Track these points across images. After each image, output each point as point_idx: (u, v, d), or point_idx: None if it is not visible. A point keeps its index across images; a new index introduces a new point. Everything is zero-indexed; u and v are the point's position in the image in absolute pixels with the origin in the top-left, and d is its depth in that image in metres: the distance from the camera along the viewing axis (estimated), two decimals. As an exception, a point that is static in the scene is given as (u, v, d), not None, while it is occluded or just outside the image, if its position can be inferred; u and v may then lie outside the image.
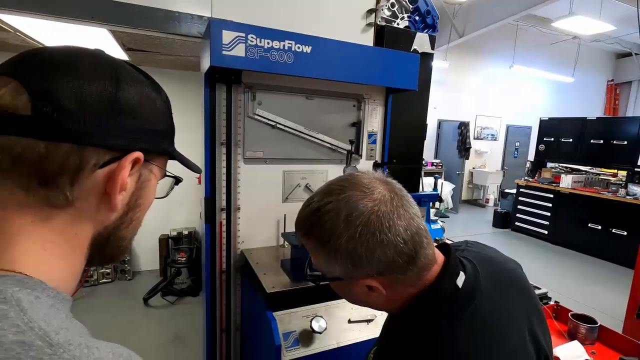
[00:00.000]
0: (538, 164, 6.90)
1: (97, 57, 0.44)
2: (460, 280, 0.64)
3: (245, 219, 1.74)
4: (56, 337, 0.35)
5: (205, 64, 1.47)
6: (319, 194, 0.65)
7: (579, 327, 1.58)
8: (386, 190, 0.62)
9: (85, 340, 0.37)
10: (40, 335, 0.34)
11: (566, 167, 6.59)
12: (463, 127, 8.20)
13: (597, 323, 1.58)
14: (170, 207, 4.08)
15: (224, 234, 1.69)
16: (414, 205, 0.63)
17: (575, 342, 1.53)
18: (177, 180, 0.58)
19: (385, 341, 0.74)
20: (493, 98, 9.02)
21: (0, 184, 0.40)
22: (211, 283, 1.69)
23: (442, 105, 8.37)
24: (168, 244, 3.93)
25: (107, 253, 0.50)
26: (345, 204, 0.60)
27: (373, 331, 1.41)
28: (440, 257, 0.67)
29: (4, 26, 2.27)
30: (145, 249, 4.13)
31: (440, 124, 8.67)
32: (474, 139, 8.87)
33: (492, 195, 9.02)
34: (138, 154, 0.45)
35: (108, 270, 3.85)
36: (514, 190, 6.99)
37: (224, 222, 1.68)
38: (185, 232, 3.98)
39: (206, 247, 1.66)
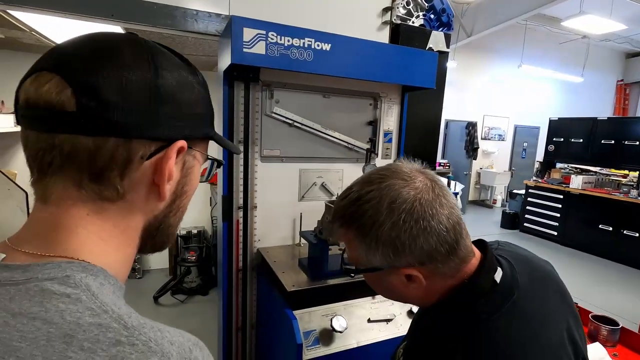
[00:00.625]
0: (547, 165, 6.84)
1: (133, 44, 0.43)
2: (498, 275, 0.64)
3: (262, 218, 1.74)
4: (129, 320, 0.36)
5: (225, 61, 1.46)
6: (358, 184, 0.65)
7: (601, 328, 1.56)
8: (426, 179, 0.62)
9: (154, 323, 0.38)
10: (115, 318, 0.35)
11: (576, 168, 6.52)
12: (470, 127, 8.15)
13: (619, 325, 1.56)
14: (179, 206, 4.08)
15: (241, 232, 1.68)
16: (452, 195, 0.63)
17: (597, 344, 1.50)
18: (219, 163, 0.57)
19: (416, 335, 0.74)
20: (501, 98, 8.96)
21: (54, 181, 0.41)
22: (228, 281, 1.69)
23: (450, 105, 8.33)
24: (177, 243, 3.94)
25: (158, 241, 0.51)
26: (388, 192, 0.60)
27: (393, 331, 1.39)
28: (477, 251, 0.67)
29: (20, 25, 2.29)
30: (155, 248, 4.14)
31: (447, 124, 8.63)
32: (482, 139, 8.82)
33: (500, 196, 8.96)
34: (182, 143, 0.45)
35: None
36: (522, 191, 6.93)
37: (241, 220, 1.68)
38: (195, 231, 3.99)
39: (223, 245, 1.66)
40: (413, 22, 2.11)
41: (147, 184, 0.45)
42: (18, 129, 0.43)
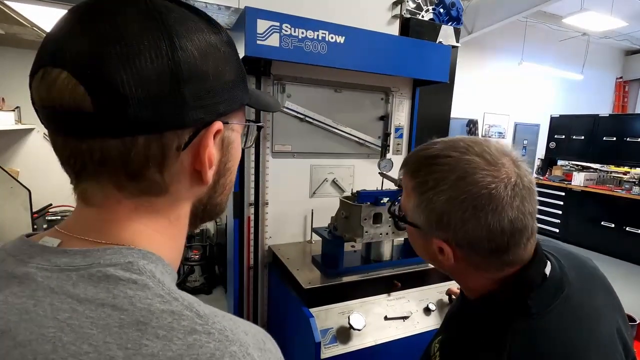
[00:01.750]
0: (548, 162, 6.84)
1: (135, 11, 0.36)
2: (547, 269, 0.61)
3: (273, 214, 1.71)
4: (200, 308, 0.34)
5: (237, 54, 1.43)
6: (444, 142, 0.62)
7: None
8: (514, 174, 0.57)
9: (225, 313, 0.36)
10: (187, 306, 0.33)
11: (577, 165, 6.53)
12: (472, 124, 8.14)
13: (636, 321, 1.54)
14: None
15: (252, 229, 1.65)
16: (534, 203, 0.58)
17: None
18: (259, 126, 0.55)
19: (455, 328, 0.70)
20: (501, 95, 8.95)
21: (91, 185, 0.39)
22: (239, 279, 1.66)
23: (455, 103, 8.31)
24: (181, 242, 3.91)
25: (206, 218, 0.49)
26: (463, 166, 0.57)
27: (410, 329, 1.37)
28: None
29: (20, 20, 2.24)
30: (157, 247, 4.10)
31: (448, 121, 8.61)
32: (482, 136, 8.80)
33: (500, 193, 8.94)
34: (218, 125, 0.42)
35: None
36: (523, 188, 6.92)
37: (252, 217, 1.65)
38: (198, 230, 3.95)
39: (235, 242, 1.63)
40: (422, 16, 2.08)
41: (189, 172, 0.42)
42: (19, 126, 0.40)
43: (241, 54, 1.36)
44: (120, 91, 0.34)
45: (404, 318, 1.39)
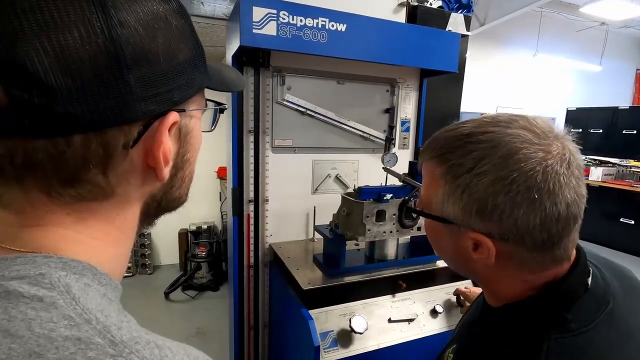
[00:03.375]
0: (565, 157, 6.63)
1: None
2: (590, 279, 0.53)
3: (274, 212, 1.65)
4: (119, 332, 0.27)
5: (234, 45, 1.37)
6: (476, 120, 0.52)
7: None
8: (565, 148, 0.48)
9: (153, 337, 0.29)
10: (100, 330, 0.27)
11: (595, 160, 6.30)
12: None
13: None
14: (189, 202, 4.04)
15: (252, 227, 1.60)
16: (584, 183, 0.50)
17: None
18: (221, 108, 0.47)
19: (477, 338, 0.61)
20: (515, 88, 8.71)
21: (9, 191, 0.31)
22: (239, 278, 1.61)
23: (465, 97, 8.13)
24: (188, 239, 3.91)
25: (160, 214, 0.43)
26: (510, 141, 0.47)
27: (415, 332, 1.30)
28: (573, 254, 0.55)
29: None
30: (165, 243, 4.11)
31: (460, 116, 8.44)
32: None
33: (514, 189, 8.75)
34: (173, 117, 0.35)
35: (129, 265, 3.85)
36: (538, 184, 6.74)
37: (252, 214, 1.59)
38: (205, 227, 3.95)
39: (234, 240, 1.58)
40: (431, 4, 1.99)
41: (141, 171, 0.36)
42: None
43: (236, 44, 1.30)
44: (43, 80, 0.27)
45: (409, 320, 1.32)
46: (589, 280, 0.53)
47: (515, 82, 8.67)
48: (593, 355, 0.48)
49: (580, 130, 6.23)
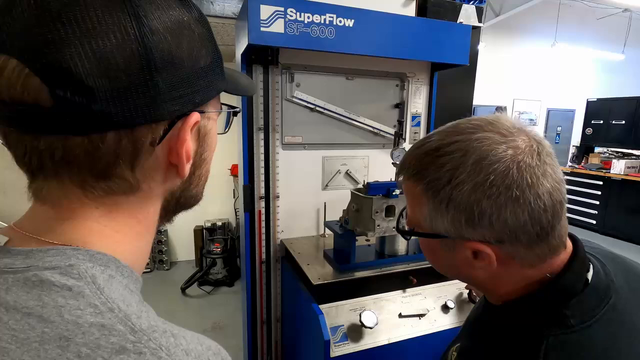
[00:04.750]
0: (584, 150, 6.43)
1: None
2: (590, 274, 0.52)
3: (285, 208, 1.67)
4: (138, 321, 0.30)
5: (242, 44, 1.39)
6: (440, 132, 0.53)
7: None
8: (531, 140, 0.48)
9: (169, 327, 0.32)
10: (121, 319, 0.29)
11: (617, 152, 6.09)
12: (500, 111, 7.77)
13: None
14: (204, 199, 4.10)
15: (263, 223, 1.63)
16: (559, 168, 0.49)
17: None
18: (235, 112, 0.49)
19: (479, 336, 0.61)
20: (532, 80, 8.48)
21: (48, 185, 0.34)
22: (251, 273, 1.64)
23: (477, 90, 7.95)
24: (203, 235, 3.98)
25: (179, 211, 0.46)
26: (479, 146, 0.47)
27: (426, 327, 1.30)
28: (568, 243, 0.55)
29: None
30: (181, 240, 4.20)
31: (475, 109, 8.27)
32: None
33: (532, 183, 8.53)
34: (196, 117, 0.38)
35: (147, 261, 3.95)
36: (557, 178, 6.55)
37: (263, 210, 1.62)
38: (219, 223, 4.01)
39: (246, 236, 1.60)
40: (442, -4, 1.96)
41: (164, 167, 0.39)
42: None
43: (245, 43, 1.31)
44: (84, 82, 0.29)
45: (420, 316, 1.32)
46: (589, 275, 0.52)
47: (532, 73, 8.43)
48: (594, 351, 0.47)
49: (602, 121, 6.02)
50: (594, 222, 5.83)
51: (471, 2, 2.05)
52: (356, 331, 1.22)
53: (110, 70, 0.30)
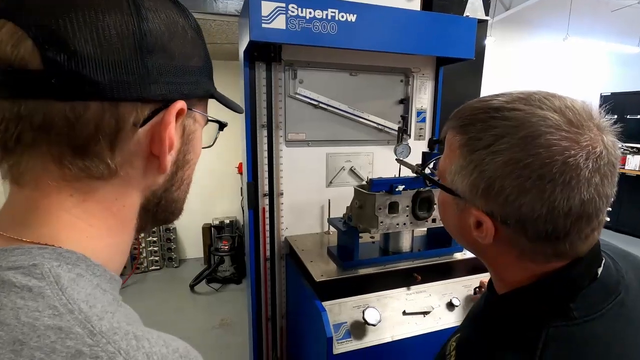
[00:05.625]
0: (598, 145, 6.28)
1: None
2: (600, 269, 0.50)
3: (289, 205, 1.67)
4: (99, 323, 0.29)
5: (245, 41, 1.39)
6: (510, 94, 0.49)
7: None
8: (600, 144, 0.43)
9: (133, 328, 0.30)
10: (81, 321, 0.28)
11: (632, 147, 5.94)
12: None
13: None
14: (212, 197, 4.16)
15: (267, 220, 1.63)
16: (614, 186, 0.46)
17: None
18: (222, 125, 0.49)
19: (478, 328, 0.60)
20: (544, 75, 8.32)
21: (26, 159, 0.33)
22: (256, 270, 1.65)
23: (487, 86, 7.84)
24: (211, 233, 4.01)
25: (160, 217, 0.44)
26: (537, 123, 0.44)
27: (431, 324, 1.29)
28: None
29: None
30: (190, 238, 4.24)
31: (484, 105, 8.15)
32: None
33: (543, 180, 8.39)
34: (181, 104, 0.38)
35: (157, 258, 4.00)
36: (569, 174, 6.43)
37: (267, 207, 1.62)
38: (227, 221, 4.03)
39: (250, 233, 1.61)
40: (447, -11, 1.93)
41: (144, 156, 0.38)
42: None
43: (247, 40, 1.31)
44: (77, 48, 0.30)
45: (425, 313, 1.30)
46: (600, 270, 0.50)
47: (543, 68, 8.27)
48: (596, 345, 0.46)
49: (616, 116, 5.87)
50: (608, 219, 5.67)
51: (478, -5, 2.01)
52: (359, 328, 1.21)
53: (104, 41, 0.31)
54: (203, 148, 0.47)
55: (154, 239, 3.96)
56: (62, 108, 0.31)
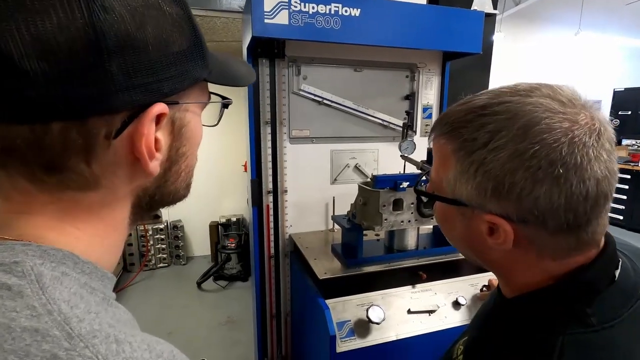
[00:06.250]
0: (611, 142, 6.15)
1: None
2: (618, 271, 0.47)
3: (293, 202, 1.66)
4: (78, 325, 0.27)
5: (247, 37, 1.38)
6: (492, 91, 0.47)
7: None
8: (597, 120, 0.42)
9: (115, 331, 0.28)
10: (59, 322, 0.26)
11: (646, 144, 5.81)
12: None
13: None
14: (219, 195, 4.18)
15: (271, 218, 1.62)
16: (616, 157, 0.44)
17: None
18: (225, 103, 0.45)
19: (489, 329, 0.57)
20: (555, 70, 8.17)
21: (0, 178, 0.31)
22: (260, 268, 1.64)
23: (495, 81, 7.72)
24: (218, 231, 4.03)
25: (155, 208, 0.41)
26: (531, 110, 0.42)
27: (436, 323, 1.27)
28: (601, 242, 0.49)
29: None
30: (197, 235, 4.27)
31: (493, 102, 8.03)
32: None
33: (554, 177, 8.25)
34: (160, 108, 0.33)
35: (164, 256, 4.04)
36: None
37: (271, 205, 1.61)
38: (234, 219, 4.05)
39: (254, 231, 1.60)
40: (454, -17, 1.90)
41: (128, 163, 0.34)
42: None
43: (249, 36, 1.30)
44: (17, 64, 0.26)
45: (430, 312, 1.28)
46: (617, 272, 0.47)
47: (554, 63, 8.12)
48: (615, 353, 0.43)
49: (629, 112, 5.75)
50: (621, 217, 5.58)
51: (486, -11, 1.97)
52: (363, 327, 1.20)
53: (49, 52, 0.27)
54: (208, 126, 0.44)
55: (162, 236, 3.99)
56: (22, 131, 0.28)
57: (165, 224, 4.00)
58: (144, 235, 3.87)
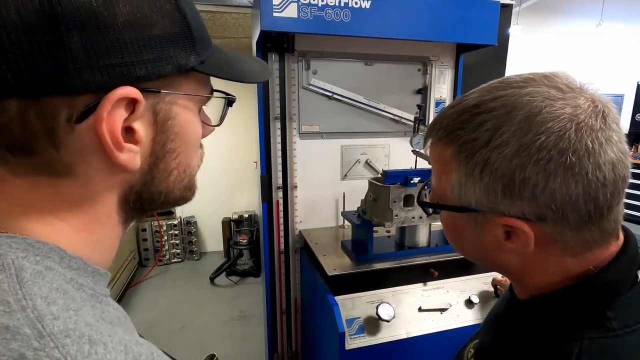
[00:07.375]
0: (634, 137, 5.92)
1: None
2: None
3: (303, 198, 1.65)
4: (52, 323, 0.25)
5: (256, 31, 1.37)
6: (482, 88, 0.45)
7: None
8: (598, 101, 0.40)
9: (91, 331, 0.27)
10: (32, 320, 0.25)
11: (672, 139, 5.57)
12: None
13: None
14: (232, 191, 4.22)
15: (281, 214, 1.62)
16: (624, 137, 0.41)
17: None
18: (230, 100, 0.42)
19: (502, 332, 0.55)
20: (575, 63, 7.91)
21: None
22: (270, 264, 1.64)
23: (509, 73, 7.53)
24: (230, 227, 4.06)
25: (149, 209, 0.39)
26: (529, 101, 0.39)
27: (448, 322, 1.24)
28: (620, 235, 0.46)
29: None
30: (210, 231, 4.32)
31: (510, 97, 7.84)
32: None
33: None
34: (125, 91, 0.30)
35: (178, 251, 4.10)
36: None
37: (281, 201, 1.61)
38: (246, 215, 4.08)
39: (264, 227, 1.60)
40: (469, -27, 1.84)
41: (99, 151, 0.31)
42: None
43: (258, 31, 1.29)
44: None
45: (442, 310, 1.26)
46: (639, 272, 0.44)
47: (574, 56, 7.86)
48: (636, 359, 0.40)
49: (654, 106, 5.52)
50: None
51: (502, -21, 1.91)
52: (373, 324, 1.18)
53: (6, 21, 0.25)
54: (212, 126, 0.42)
55: (176, 232, 4.05)
56: None
57: (179, 219, 4.06)
58: (159, 231, 3.94)
